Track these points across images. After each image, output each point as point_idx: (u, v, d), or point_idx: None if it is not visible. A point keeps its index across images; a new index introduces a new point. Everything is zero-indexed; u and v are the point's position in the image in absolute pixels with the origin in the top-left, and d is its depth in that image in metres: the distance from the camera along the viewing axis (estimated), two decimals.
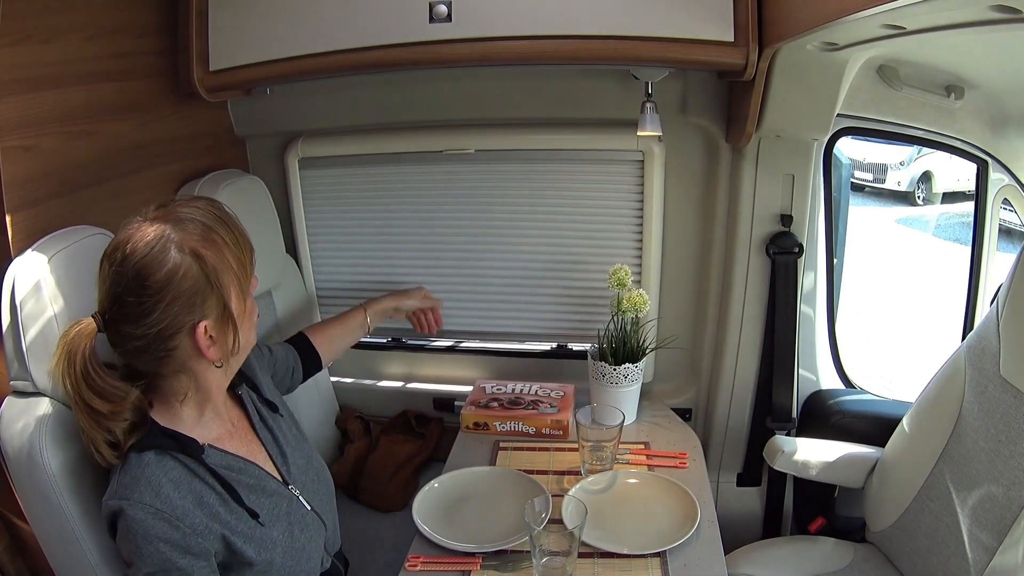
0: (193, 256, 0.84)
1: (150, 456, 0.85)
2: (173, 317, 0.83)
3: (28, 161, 1.05)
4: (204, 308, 0.85)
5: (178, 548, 0.82)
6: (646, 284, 1.49)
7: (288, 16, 1.23)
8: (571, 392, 1.49)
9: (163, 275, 0.82)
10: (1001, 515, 1.04)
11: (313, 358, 1.28)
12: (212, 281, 0.85)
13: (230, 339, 0.89)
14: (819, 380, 1.58)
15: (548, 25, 1.16)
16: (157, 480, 0.84)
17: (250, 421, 1.02)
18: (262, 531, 0.91)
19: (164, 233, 0.83)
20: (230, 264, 0.87)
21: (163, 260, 0.82)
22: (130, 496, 0.82)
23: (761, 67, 1.15)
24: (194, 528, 0.84)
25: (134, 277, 0.81)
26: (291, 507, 0.98)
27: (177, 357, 0.87)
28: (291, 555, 0.94)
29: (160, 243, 0.82)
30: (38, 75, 1.07)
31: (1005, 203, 1.46)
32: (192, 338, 0.85)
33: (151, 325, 0.82)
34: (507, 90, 1.44)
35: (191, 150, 1.43)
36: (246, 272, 0.90)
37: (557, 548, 1.01)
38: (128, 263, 0.82)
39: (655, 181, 1.42)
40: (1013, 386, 1.07)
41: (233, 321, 0.89)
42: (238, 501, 0.90)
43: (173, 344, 0.85)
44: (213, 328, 0.87)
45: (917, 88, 1.30)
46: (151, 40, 1.30)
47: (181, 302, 0.83)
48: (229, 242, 0.87)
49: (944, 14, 0.78)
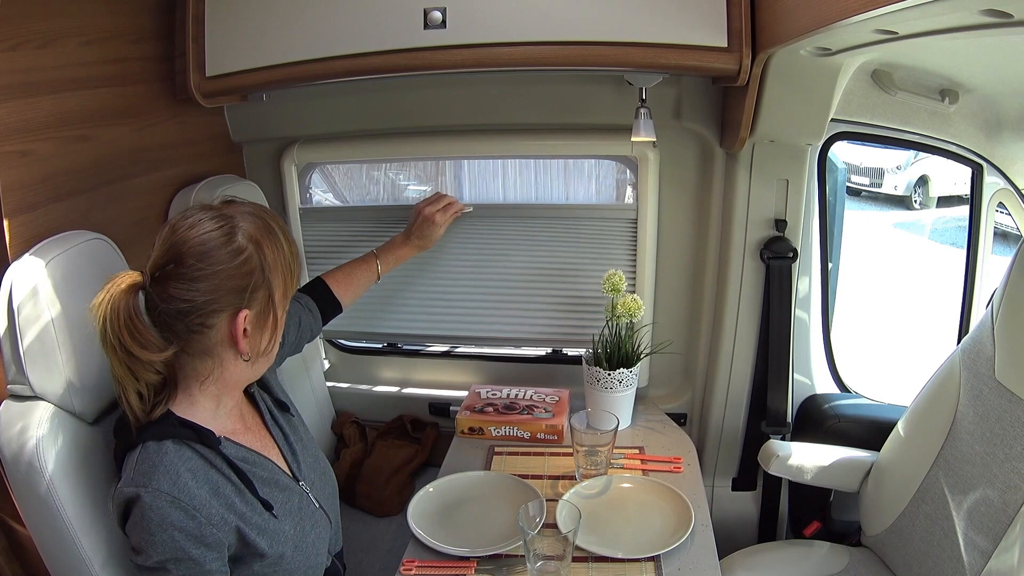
0: (256, 246, 0.88)
1: (169, 445, 0.86)
2: (223, 294, 0.86)
3: (25, 166, 1.05)
4: (251, 298, 0.88)
5: (192, 538, 0.83)
6: (640, 289, 1.49)
7: (284, 22, 1.24)
8: (566, 397, 1.49)
9: (226, 252, 0.86)
10: (997, 518, 1.04)
11: (333, 303, 1.29)
12: (266, 275, 0.89)
13: (265, 337, 0.92)
14: (814, 384, 1.58)
15: (542, 31, 1.16)
16: (175, 468, 0.85)
17: (262, 418, 1.04)
18: (275, 524, 0.93)
19: (233, 219, 0.88)
20: (282, 267, 0.91)
21: (230, 239, 0.87)
22: (148, 484, 0.83)
23: (755, 72, 1.15)
24: (210, 518, 0.85)
25: (199, 244, 0.85)
26: (302, 502, 1.00)
27: (209, 337, 0.88)
28: (301, 550, 0.95)
29: (228, 225, 0.87)
30: (35, 80, 1.07)
31: (1000, 207, 1.47)
32: (231, 323, 0.88)
33: (201, 293, 0.85)
34: (502, 96, 1.44)
35: (188, 155, 1.44)
36: (292, 283, 0.94)
37: (551, 552, 1.01)
38: (196, 230, 0.86)
39: (649, 186, 1.42)
40: (1008, 389, 1.07)
41: (274, 320, 0.92)
42: (253, 492, 0.91)
43: (212, 322, 0.87)
44: (252, 320, 0.89)
45: (911, 92, 1.31)
46: (148, 45, 1.30)
47: (234, 283, 0.86)
48: (285, 247, 0.92)
49: (936, 19, 0.79)
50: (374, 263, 1.35)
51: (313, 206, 1.60)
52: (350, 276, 1.32)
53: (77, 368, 0.95)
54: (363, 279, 1.35)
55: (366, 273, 1.35)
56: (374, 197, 1.65)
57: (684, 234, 1.50)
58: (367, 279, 1.35)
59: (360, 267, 1.34)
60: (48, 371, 0.94)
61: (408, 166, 1.64)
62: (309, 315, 1.25)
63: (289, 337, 1.18)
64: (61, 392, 0.94)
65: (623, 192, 1.57)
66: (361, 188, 1.66)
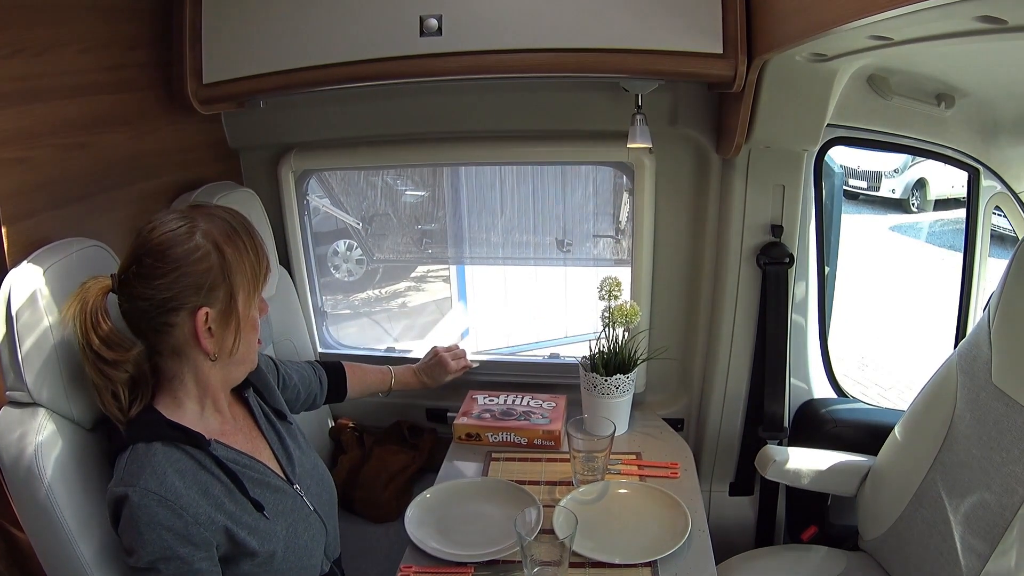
0: (214, 246, 0.90)
1: (157, 446, 0.88)
2: (180, 291, 0.88)
3: (22, 173, 1.05)
4: (210, 296, 0.90)
5: (179, 537, 0.84)
6: (637, 295, 1.49)
7: (281, 29, 1.24)
8: (563, 403, 1.49)
9: (182, 251, 0.89)
10: (994, 522, 1.04)
11: (341, 391, 1.34)
12: (225, 274, 0.90)
13: (230, 339, 0.93)
14: (811, 389, 1.58)
15: (538, 38, 1.16)
16: (162, 468, 0.86)
17: (255, 420, 1.05)
18: (266, 524, 0.94)
19: (194, 220, 0.91)
20: (245, 269, 0.93)
21: (186, 239, 0.89)
22: (135, 483, 0.84)
23: (750, 78, 1.16)
24: (197, 518, 0.86)
25: (157, 245, 0.89)
26: (295, 505, 1.00)
27: (174, 336, 0.91)
28: (293, 551, 0.96)
29: (188, 225, 0.90)
30: (32, 87, 1.07)
31: (997, 210, 1.47)
32: (192, 321, 0.90)
33: (159, 290, 0.88)
34: (498, 103, 1.44)
35: (185, 162, 1.44)
36: (258, 284, 0.95)
37: (548, 558, 1.01)
38: (155, 233, 0.90)
39: (646, 192, 1.43)
40: (1005, 393, 1.07)
41: (237, 322, 0.93)
42: (244, 493, 0.92)
43: (173, 320, 0.89)
44: (214, 319, 0.91)
45: (907, 97, 1.31)
46: (144, 52, 1.31)
47: (191, 280, 0.88)
48: (249, 250, 0.94)
49: (930, 25, 0.79)
50: (388, 377, 1.43)
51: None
52: (363, 379, 1.40)
53: (74, 375, 0.96)
54: (373, 385, 1.42)
55: (378, 381, 1.42)
56: (371, 202, 1.66)
57: (680, 240, 1.50)
58: (377, 386, 1.42)
59: (375, 375, 1.42)
60: (46, 378, 0.94)
61: (405, 172, 1.65)
62: (319, 386, 1.30)
63: (294, 391, 1.23)
64: (59, 398, 0.95)
65: (620, 198, 1.58)
66: (359, 194, 1.66)
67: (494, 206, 1.70)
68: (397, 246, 1.80)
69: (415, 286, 3.25)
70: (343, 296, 2.18)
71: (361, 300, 2.28)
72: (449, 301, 3.01)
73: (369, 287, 2.27)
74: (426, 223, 1.75)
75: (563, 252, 1.71)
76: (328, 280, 1.91)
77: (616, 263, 1.66)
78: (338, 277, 2.25)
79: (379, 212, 1.75)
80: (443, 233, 1.76)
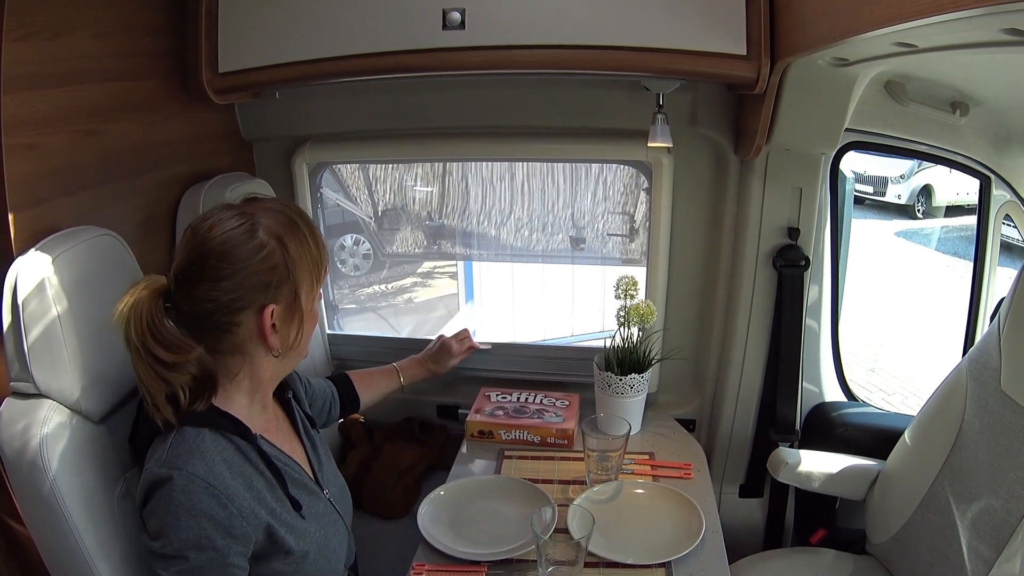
0: (278, 242, 0.88)
1: (207, 432, 0.87)
2: (247, 291, 0.86)
3: (33, 159, 1.03)
4: (276, 293, 0.88)
5: (220, 528, 0.82)
6: (652, 295, 1.49)
7: (299, 19, 1.22)
8: (576, 402, 1.48)
9: (247, 250, 0.86)
10: (1000, 527, 1.05)
11: (353, 397, 1.33)
12: (290, 269, 0.89)
13: (293, 332, 0.92)
14: (823, 393, 1.59)
15: (561, 35, 1.15)
16: (212, 456, 0.85)
17: (293, 424, 1.04)
18: (302, 523, 0.93)
19: (254, 216, 0.88)
20: (307, 262, 0.91)
21: (250, 236, 0.87)
22: (183, 467, 0.82)
23: (772, 81, 1.15)
24: (241, 510, 0.84)
25: (220, 244, 0.86)
26: (326, 509, 1.00)
27: (238, 335, 0.89)
28: (323, 553, 0.95)
29: (248, 223, 0.87)
30: (45, 72, 1.05)
31: (1007, 219, 1.48)
32: (258, 319, 0.88)
33: (224, 292, 0.85)
34: (516, 98, 1.43)
35: (198, 152, 1.42)
36: (319, 276, 0.94)
37: (563, 558, 1.01)
38: (216, 231, 0.86)
39: (663, 192, 1.42)
40: (1014, 401, 1.08)
41: (301, 315, 0.91)
42: (284, 490, 0.91)
43: (239, 319, 0.88)
44: (279, 315, 0.89)
45: (923, 104, 1.32)
46: (160, 40, 1.28)
47: (257, 279, 0.86)
48: (310, 242, 0.92)
49: (956, 35, 0.79)
50: (396, 374, 1.41)
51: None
52: (372, 382, 1.37)
53: (84, 366, 0.94)
54: (384, 385, 1.40)
55: (386, 381, 1.40)
56: (382, 197, 1.64)
57: (697, 241, 1.50)
58: (387, 386, 1.41)
59: (381, 375, 1.40)
60: (54, 369, 0.92)
61: (416, 167, 1.63)
62: (331, 395, 1.29)
63: (317, 400, 1.23)
64: (67, 390, 0.93)
65: (632, 198, 1.57)
66: (370, 188, 1.64)
67: (504, 203, 1.70)
68: (407, 241, 1.79)
69: (422, 282, 3.23)
70: (349, 290, 2.17)
71: (367, 295, 2.26)
72: (456, 298, 3.00)
73: (376, 282, 2.26)
74: (436, 219, 1.74)
75: (578, 251, 1.70)
76: (334, 274, 1.90)
77: (624, 262, 1.66)
78: (344, 271, 2.24)
79: (389, 207, 1.74)
80: (452, 229, 1.75)
